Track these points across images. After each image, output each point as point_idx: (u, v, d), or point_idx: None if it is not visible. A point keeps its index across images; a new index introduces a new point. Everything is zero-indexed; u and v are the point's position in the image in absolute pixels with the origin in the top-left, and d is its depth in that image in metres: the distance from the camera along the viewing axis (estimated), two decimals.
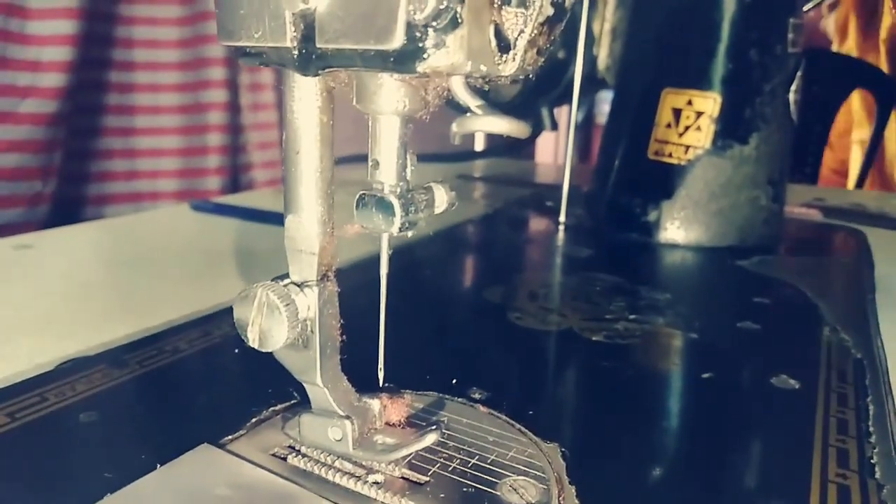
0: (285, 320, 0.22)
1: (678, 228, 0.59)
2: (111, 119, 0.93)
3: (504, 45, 0.20)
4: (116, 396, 0.30)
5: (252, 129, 1.02)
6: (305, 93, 0.22)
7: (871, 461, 0.28)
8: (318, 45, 0.20)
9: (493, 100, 0.62)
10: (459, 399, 0.31)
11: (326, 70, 0.20)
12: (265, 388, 0.30)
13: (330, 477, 0.25)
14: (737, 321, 0.42)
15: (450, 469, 0.26)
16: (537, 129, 0.67)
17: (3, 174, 0.81)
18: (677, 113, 0.59)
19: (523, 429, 0.29)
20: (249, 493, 0.23)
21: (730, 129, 0.58)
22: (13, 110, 0.79)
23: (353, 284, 0.27)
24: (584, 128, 1.89)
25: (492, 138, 1.29)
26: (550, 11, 0.21)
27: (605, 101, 0.99)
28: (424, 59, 0.19)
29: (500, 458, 0.27)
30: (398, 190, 0.22)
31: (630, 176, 0.63)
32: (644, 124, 0.61)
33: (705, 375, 0.35)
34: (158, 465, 0.24)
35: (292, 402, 0.30)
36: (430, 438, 0.25)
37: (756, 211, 0.59)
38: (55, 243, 0.55)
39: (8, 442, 0.26)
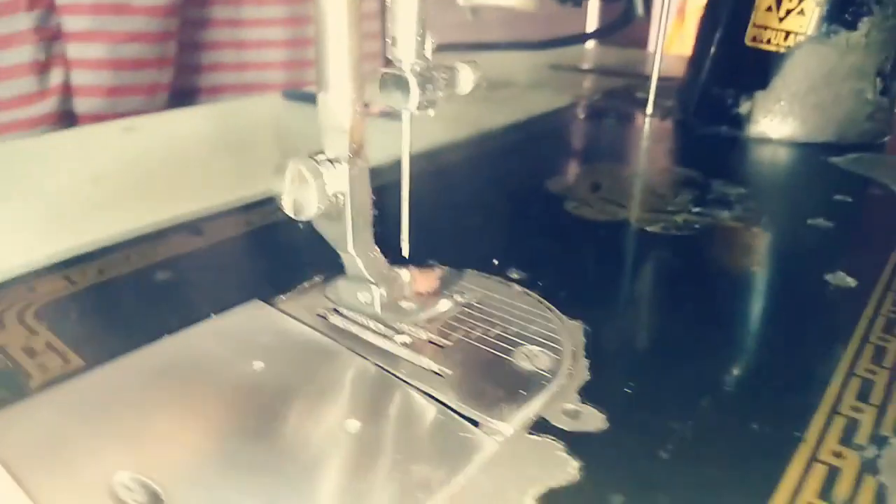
0: (315, 191, 0.24)
1: (771, 122, 0.56)
2: (219, 10, 0.96)
3: None
4: (191, 259, 0.34)
5: None
6: None
7: None
8: None
9: None
10: (496, 277, 0.33)
11: None
12: (323, 257, 0.33)
13: (363, 335, 0.27)
14: (808, 218, 0.41)
15: (473, 336, 0.28)
16: (629, 16, 0.64)
17: (123, 64, 0.86)
18: None
19: (552, 307, 0.30)
20: (289, 343, 0.26)
21: (837, 12, 0.53)
22: (129, 3, 0.84)
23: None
24: None
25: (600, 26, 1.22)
26: None
27: None
28: None
29: (521, 331, 0.28)
30: (417, 68, 0.23)
31: (725, 65, 0.59)
32: (743, 8, 0.56)
33: (754, 269, 0.34)
34: (212, 315, 0.28)
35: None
36: (445, 304, 0.27)
37: (860, 105, 0.54)
38: (156, 127, 0.60)
39: (95, 293, 0.31)
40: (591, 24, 1.32)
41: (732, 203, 0.42)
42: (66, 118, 0.83)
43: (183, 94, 0.96)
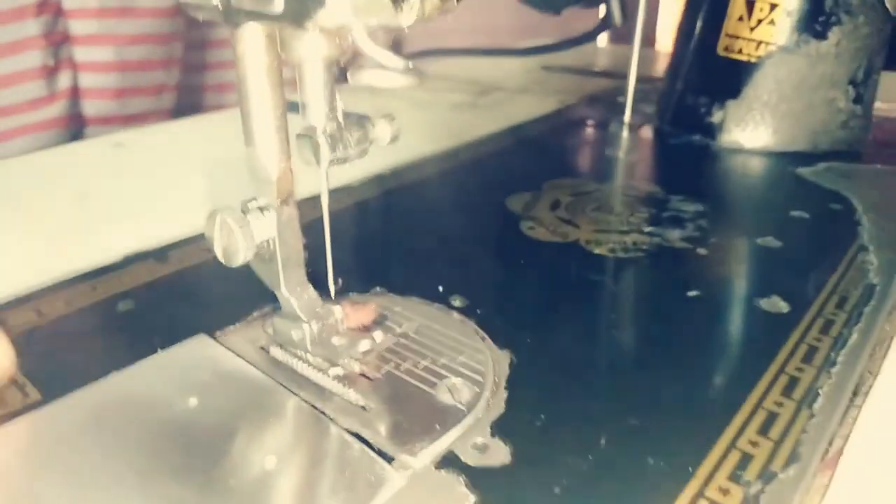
0: (241, 241, 0.26)
1: (743, 131, 0.56)
2: None
3: None
4: (154, 289, 0.36)
5: None
6: (249, 35, 0.24)
7: (819, 390, 0.29)
8: (233, 5, 0.22)
9: None
10: (438, 305, 0.34)
11: (246, 23, 0.23)
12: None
13: (299, 369, 0.29)
14: (759, 237, 0.41)
15: (402, 368, 0.29)
16: (607, 23, 0.64)
17: (130, 66, 0.89)
18: (750, 4, 0.54)
19: (485, 336, 0.32)
20: (224, 379, 0.28)
21: (807, 22, 0.53)
22: (134, 5, 0.86)
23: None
24: None
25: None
26: None
27: None
28: (311, 17, 0.20)
29: (449, 362, 0.30)
30: (327, 129, 0.24)
31: (698, 73, 0.60)
32: (716, 17, 0.57)
33: (691, 294, 0.36)
34: (159, 350, 0.30)
35: None
36: (379, 337, 0.29)
37: (832, 114, 0.55)
38: (147, 141, 0.62)
39: (60, 325, 0.33)
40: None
41: (685, 222, 0.43)
42: (75, 121, 0.86)
43: (189, 93, 0.98)
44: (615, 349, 0.32)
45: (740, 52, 0.55)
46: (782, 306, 0.34)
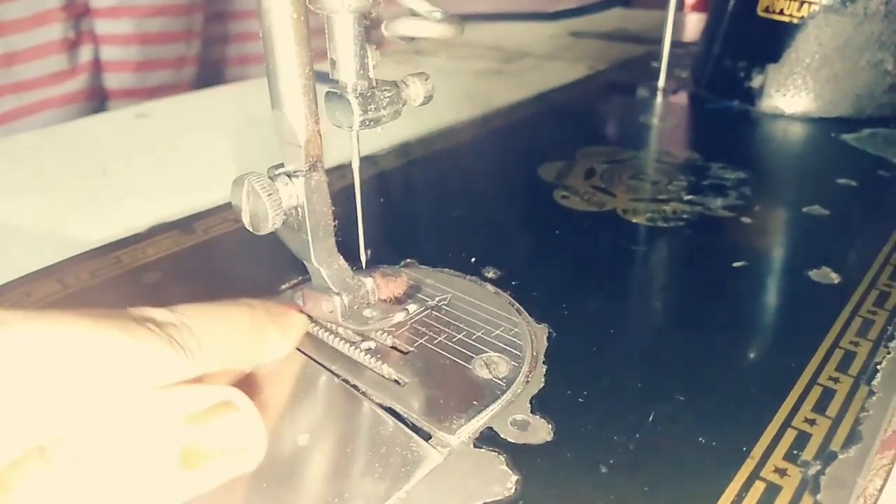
0: (268, 207, 0.25)
1: (783, 96, 0.54)
2: None
3: None
4: (179, 260, 0.35)
5: None
6: None
7: (878, 366, 0.27)
8: None
9: None
10: (471, 277, 0.33)
11: None
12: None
13: (329, 341, 0.28)
14: (804, 205, 0.39)
15: (435, 342, 0.28)
16: None
17: (149, 38, 0.87)
18: None
19: (521, 309, 0.31)
20: None
21: None
22: None
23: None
24: None
25: None
26: None
27: None
28: None
29: (485, 336, 0.29)
30: (358, 88, 0.23)
31: (737, 36, 0.57)
32: None
33: (737, 264, 0.34)
34: None
35: None
36: (411, 309, 0.27)
37: (878, 77, 0.52)
38: (169, 112, 0.61)
39: (84, 298, 0.32)
40: None
41: (727, 189, 0.41)
42: (98, 94, 0.85)
43: (211, 66, 0.97)
44: (658, 323, 0.31)
45: (781, 12, 0.53)
46: (833, 277, 0.33)
